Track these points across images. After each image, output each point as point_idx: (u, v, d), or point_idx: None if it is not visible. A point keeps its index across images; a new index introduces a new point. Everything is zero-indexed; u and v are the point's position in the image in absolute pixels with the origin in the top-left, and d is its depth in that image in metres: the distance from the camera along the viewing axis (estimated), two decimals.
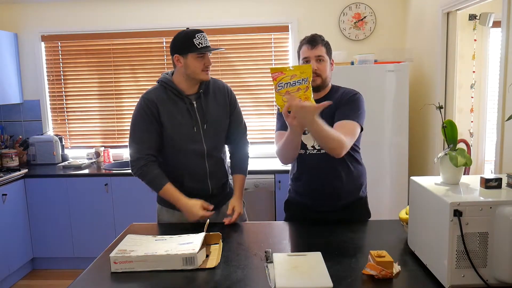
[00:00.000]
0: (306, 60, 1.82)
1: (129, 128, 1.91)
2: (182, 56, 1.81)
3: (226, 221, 1.91)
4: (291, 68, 1.59)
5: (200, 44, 1.78)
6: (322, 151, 1.85)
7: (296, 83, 1.60)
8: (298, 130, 1.66)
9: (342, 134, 1.69)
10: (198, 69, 1.82)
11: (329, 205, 1.91)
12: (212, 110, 1.92)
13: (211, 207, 1.89)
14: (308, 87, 1.59)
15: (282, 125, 1.87)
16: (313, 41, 1.82)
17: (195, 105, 1.89)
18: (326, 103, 1.54)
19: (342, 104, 1.81)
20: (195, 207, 1.85)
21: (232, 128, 2.02)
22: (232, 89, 2.05)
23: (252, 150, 2.37)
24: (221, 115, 1.96)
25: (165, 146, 1.90)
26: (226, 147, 2.10)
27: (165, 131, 1.87)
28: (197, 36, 1.78)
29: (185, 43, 1.79)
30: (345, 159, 1.83)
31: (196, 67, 1.81)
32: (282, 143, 1.85)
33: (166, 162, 1.93)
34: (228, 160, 2.11)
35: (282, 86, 1.62)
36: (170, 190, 1.86)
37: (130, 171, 1.91)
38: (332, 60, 1.90)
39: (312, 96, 1.60)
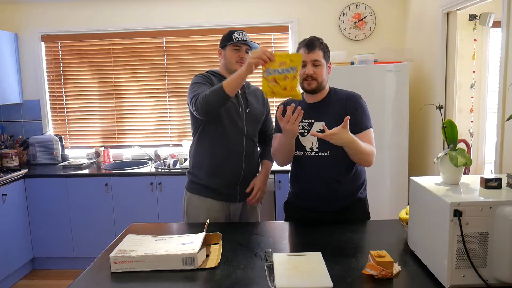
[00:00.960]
0: (303, 64, 1.82)
1: (129, 128, 1.92)
2: (223, 48, 2.09)
3: (250, 199, 2.09)
4: (281, 54, 1.61)
5: (237, 39, 2.03)
6: (320, 154, 1.85)
7: (284, 71, 1.62)
8: (291, 134, 1.68)
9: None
10: (233, 60, 2.04)
11: (326, 206, 1.91)
12: (252, 101, 2.13)
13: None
14: (295, 76, 1.61)
15: (279, 127, 1.86)
16: (311, 45, 1.81)
17: (239, 92, 2.07)
18: (347, 118, 1.63)
19: (350, 111, 1.80)
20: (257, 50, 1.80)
21: (263, 129, 2.21)
22: None
23: None
24: (260, 109, 2.15)
25: (213, 119, 1.97)
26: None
27: None
28: (236, 32, 2.06)
29: (226, 37, 2.07)
30: (344, 161, 1.83)
31: (231, 57, 2.05)
32: (276, 145, 1.87)
33: (211, 138, 2.04)
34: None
35: (269, 72, 1.64)
36: (229, 78, 1.83)
37: (130, 171, 1.91)
38: (330, 64, 1.90)
39: (298, 85, 1.64)
